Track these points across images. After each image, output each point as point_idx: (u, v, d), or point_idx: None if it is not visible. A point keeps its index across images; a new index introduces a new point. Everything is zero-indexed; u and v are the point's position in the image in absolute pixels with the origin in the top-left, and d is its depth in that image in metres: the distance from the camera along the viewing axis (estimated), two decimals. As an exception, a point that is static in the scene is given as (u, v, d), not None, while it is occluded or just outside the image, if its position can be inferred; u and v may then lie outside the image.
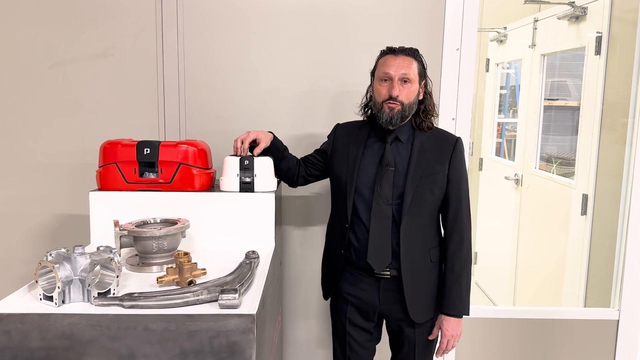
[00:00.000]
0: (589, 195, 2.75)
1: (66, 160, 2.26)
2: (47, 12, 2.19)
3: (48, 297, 1.25)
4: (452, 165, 1.78)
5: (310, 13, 2.22)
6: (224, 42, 2.23)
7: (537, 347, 2.46)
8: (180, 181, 1.81)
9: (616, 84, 2.58)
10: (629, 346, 2.46)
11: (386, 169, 1.75)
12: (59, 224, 2.29)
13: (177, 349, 1.20)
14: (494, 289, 3.99)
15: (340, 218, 1.83)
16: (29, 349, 1.19)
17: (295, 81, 2.26)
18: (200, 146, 1.86)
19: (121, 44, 2.21)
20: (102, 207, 1.78)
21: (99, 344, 1.19)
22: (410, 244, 1.75)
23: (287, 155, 1.93)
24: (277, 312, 1.97)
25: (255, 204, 1.80)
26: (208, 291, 1.28)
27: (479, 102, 4.26)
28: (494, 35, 4.05)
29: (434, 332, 1.86)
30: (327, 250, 1.96)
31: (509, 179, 3.73)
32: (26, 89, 2.23)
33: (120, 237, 1.56)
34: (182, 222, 1.65)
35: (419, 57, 1.77)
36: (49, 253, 1.32)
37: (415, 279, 1.77)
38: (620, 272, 2.46)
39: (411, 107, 1.75)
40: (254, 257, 1.56)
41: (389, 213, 1.74)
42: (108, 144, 1.82)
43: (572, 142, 3.54)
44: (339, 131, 1.92)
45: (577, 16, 2.92)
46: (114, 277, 1.30)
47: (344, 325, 1.88)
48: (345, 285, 1.86)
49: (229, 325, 1.19)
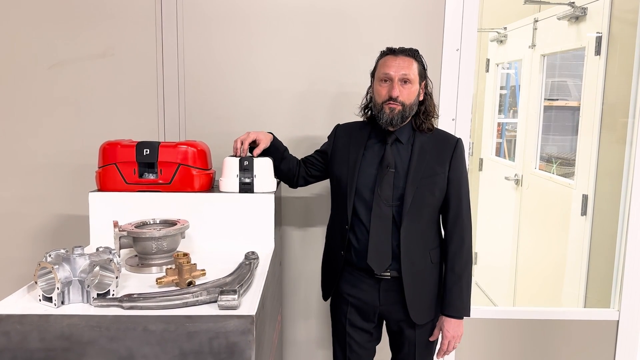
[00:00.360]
0: (589, 195, 2.75)
1: (66, 160, 2.26)
2: (47, 13, 2.19)
3: (47, 298, 1.25)
4: (453, 166, 1.78)
5: (310, 13, 2.22)
6: (223, 43, 2.23)
7: (537, 347, 2.46)
8: (180, 182, 1.81)
9: (616, 84, 2.58)
10: (629, 347, 2.46)
11: (386, 170, 1.75)
12: (58, 224, 2.29)
13: (176, 349, 1.20)
14: (494, 289, 3.99)
15: (341, 219, 1.82)
16: (28, 349, 1.19)
17: (296, 82, 2.26)
18: (200, 147, 1.86)
19: (121, 44, 2.21)
20: (102, 207, 1.78)
21: (99, 345, 1.19)
22: (411, 245, 1.75)
23: (287, 156, 1.93)
24: (277, 313, 1.97)
25: (254, 204, 1.80)
26: (207, 292, 1.28)
27: (479, 103, 4.26)
28: (494, 36, 4.05)
29: (434, 334, 1.86)
30: (327, 251, 1.96)
31: (509, 179, 3.73)
32: (26, 89, 2.23)
33: (119, 237, 1.56)
34: (181, 222, 1.64)
35: (419, 58, 1.77)
36: (48, 254, 1.32)
37: (416, 280, 1.77)
38: (620, 273, 2.46)
39: (411, 108, 1.75)
40: (253, 258, 1.56)
41: (389, 214, 1.74)
42: (108, 145, 1.82)
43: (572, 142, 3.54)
44: (339, 132, 1.91)
45: (577, 16, 2.92)
46: (114, 278, 1.30)
47: (344, 326, 1.88)
48: (346, 286, 1.86)
49: (229, 326, 1.19)
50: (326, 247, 1.97)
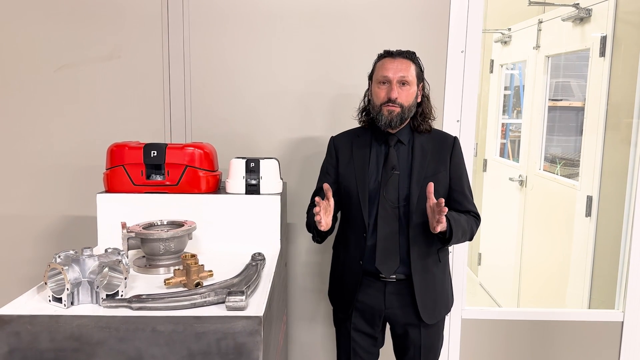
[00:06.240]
0: (593, 196, 2.75)
1: (73, 162, 2.27)
2: (54, 15, 2.21)
3: (57, 298, 1.27)
4: (453, 163, 1.80)
5: (316, 16, 2.23)
6: (229, 45, 2.24)
7: (541, 348, 2.46)
8: (187, 183, 1.82)
9: (621, 85, 2.58)
10: (634, 348, 2.46)
11: (391, 172, 1.75)
12: (66, 225, 2.30)
13: (184, 350, 1.21)
14: (498, 289, 3.99)
15: (356, 228, 1.79)
16: (38, 350, 1.21)
17: (300, 83, 2.27)
18: (207, 148, 1.88)
19: (128, 46, 2.23)
20: (110, 209, 1.79)
21: (108, 346, 1.21)
22: (420, 244, 1.75)
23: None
24: (282, 314, 1.98)
25: (261, 206, 1.81)
26: (215, 293, 1.29)
27: (483, 103, 4.26)
28: (498, 37, 4.05)
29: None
30: (341, 262, 1.89)
31: (513, 180, 3.73)
32: (33, 91, 2.25)
33: (127, 239, 1.57)
34: (188, 224, 1.66)
35: (417, 60, 1.78)
36: (57, 255, 1.33)
37: (426, 279, 1.78)
38: (625, 274, 2.47)
39: (410, 110, 1.75)
40: (260, 259, 1.57)
41: (395, 217, 1.75)
42: (115, 147, 1.83)
43: (576, 143, 3.54)
44: (337, 143, 1.88)
45: (581, 18, 2.92)
46: (122, 279, 1.31)
47: (349, 331, 1.87)
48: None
49: (236, 327, 1.20)
50: (339, 259, 1.91)
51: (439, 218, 1.59)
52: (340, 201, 1.84)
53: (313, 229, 1.78)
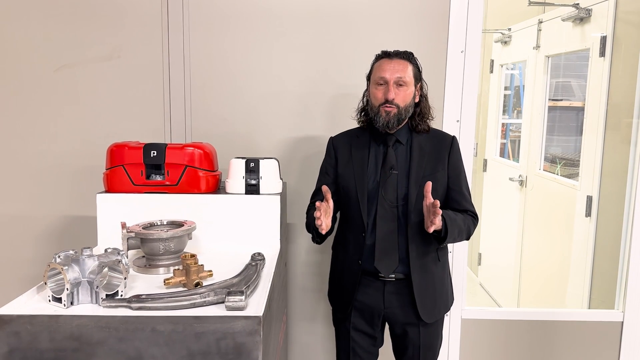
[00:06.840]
0: (593, 196, 2.75)
1: (73, 162, 2.28)
2: (54, 15, 2.21)
3: (57, 298, 1.27)
4: (451, 162, 1.81)
5: (315, 16, 2.23)
6: (229, 45, 2.24)
7: (540, 348, 2.46)
8: (187, 183, 1.82)
9: (621, 85, 2.58)
10: (633, 348, 2.46)
11: (390, 172, 1.76)
12: (66, 225, 2.31)
13: (184, 350, 1.21)
14: (498, 289, 3.99)
15: (355, 228, 1.79)
16: (38, 349, 1.21)
17: (300, 83, 2.27)
18: (207, 149, 1.88)
19: (128, 46, 2.23)
20: (109, 209, 1.80)
21: (107, 346, 1.21)
22: (418, 244, 1.76)
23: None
24: (282, 314, 1.98)
25: (260, 206, 1.81)
26: (215, 293, 1.29)
27: (483, 103, 4.26)
28: (498, 37, 4.05)
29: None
30: (340, 262, 1.89)
31: (513, 180, 3.73)
32: (33, 91, 2.25)
33: (127, 239, 1.57)
34: (188, 224, 1.66)
35: (414, 61, 1.78)
36: (57, 255, 1.33)
37: (425, 278, 1.78)
38: (625, 274, 2.47)
39: (407, 110, 1.76)
40: (259, 259, 1.57)
41: (394, 216, 1.75)
42: (115, 147, 1.84)
43: (576, 143, 3.54)
44: (337, 143, 1.89)
45: (581, 18, 2.92)
46: (122, 279, 1.31)
47: (348, 331, 1.87)
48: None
49: (236, 327, 1.21)
50: (338, 259, 1.92)
51: (432, 219, 1.59)
52: (339, 201, 1.84)
53: (313, 230, 1.78)
